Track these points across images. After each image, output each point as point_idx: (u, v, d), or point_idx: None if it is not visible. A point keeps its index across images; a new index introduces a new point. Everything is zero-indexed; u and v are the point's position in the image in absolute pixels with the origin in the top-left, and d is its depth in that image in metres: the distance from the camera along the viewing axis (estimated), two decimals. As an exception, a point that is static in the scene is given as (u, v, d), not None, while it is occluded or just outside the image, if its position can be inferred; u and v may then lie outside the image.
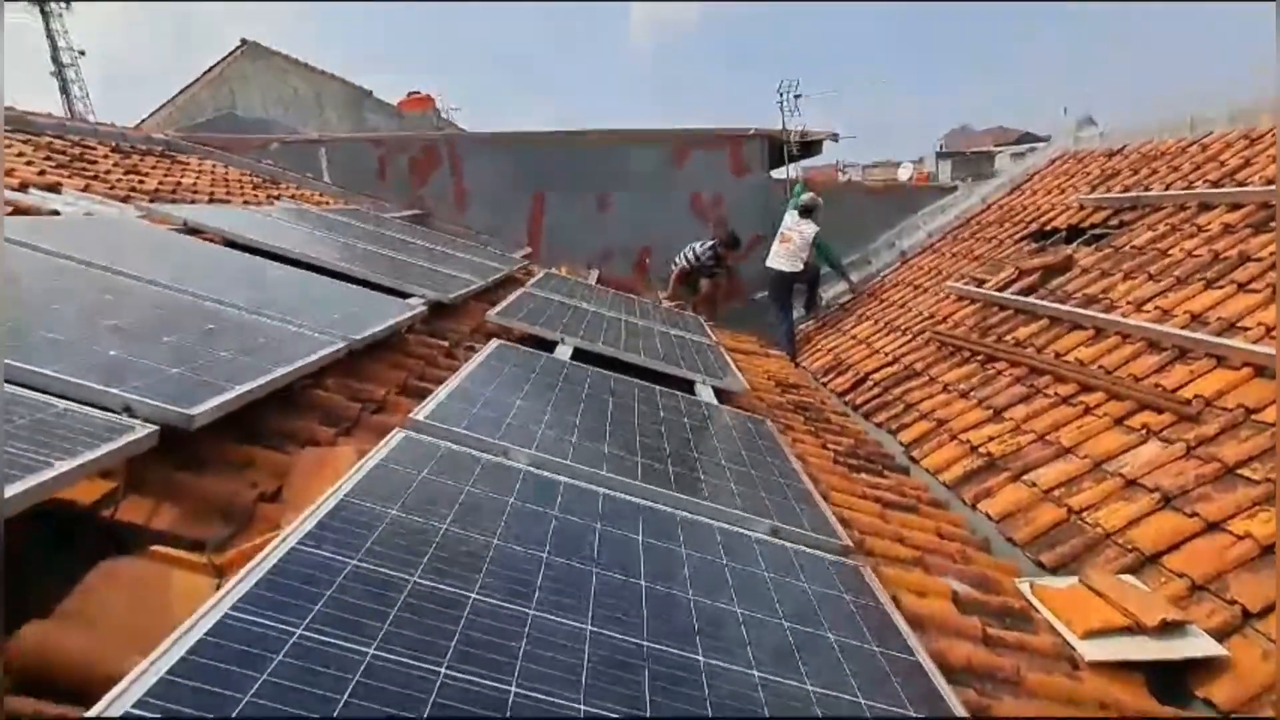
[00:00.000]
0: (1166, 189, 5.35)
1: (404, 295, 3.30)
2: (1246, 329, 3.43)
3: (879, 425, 4.52)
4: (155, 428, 1.30)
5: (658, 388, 2.95)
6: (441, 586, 1.10)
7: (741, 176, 8.81)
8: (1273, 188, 4.34)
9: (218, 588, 1.16)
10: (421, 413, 1.81)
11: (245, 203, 5.30)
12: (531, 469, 1.71)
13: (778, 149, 8.92)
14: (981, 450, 3.57)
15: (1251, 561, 2.28)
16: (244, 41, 15.21)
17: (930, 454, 3.81)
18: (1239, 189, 4.63)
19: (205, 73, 15.21)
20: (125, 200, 4.10)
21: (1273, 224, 4.07)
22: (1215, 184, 4.94)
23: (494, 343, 2.86)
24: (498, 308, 3.61)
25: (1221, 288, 3.82)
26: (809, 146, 9.26)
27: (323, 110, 15.02)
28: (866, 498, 2.78)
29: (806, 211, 7.26)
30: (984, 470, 3.43)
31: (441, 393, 2.04)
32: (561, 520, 1.46)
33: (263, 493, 1.52)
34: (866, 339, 6.15)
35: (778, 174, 9.00)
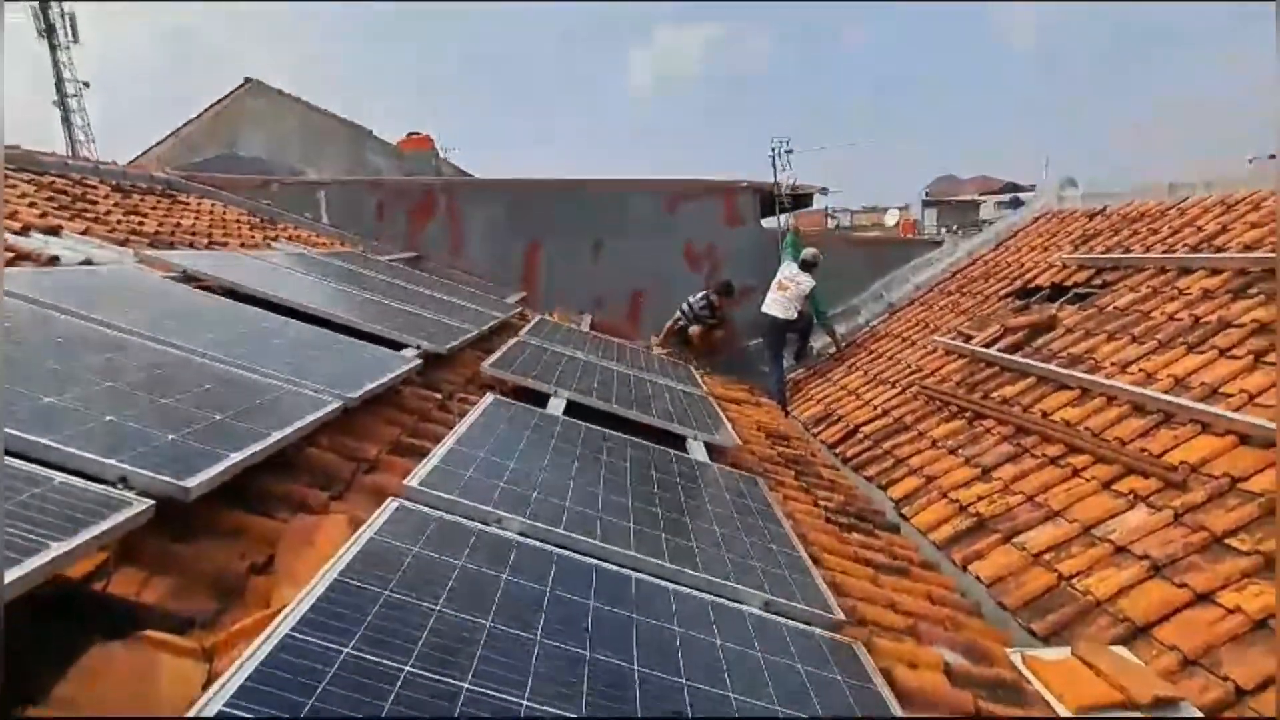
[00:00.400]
0: (1146, 251, 5.49)
1: (399, 346, 3.31)
2: (1229, 395, 3.49)
3: (869, 479, 4.53)
4: (151, 502, 1.30)
5: (650, 445, 2.96)
6: (435, 677, 1.09)
7: (734, 226, 8.97)
8: (1251, 255, 4.46)
9: (207, 672, 1.15)
10: (415, 479, 1.81)
11: (243, 244, 5.34)
12: (525, 539, 1.71)
13: (770, 200, 9.11)
14: (971, 510, 3.58)
15: (1243, 636, 2.29)
16: (247, 80, 15.49)
17: (920, 512, 3.81)
18: (1218, 255, 4.76)
19: (207, 109, 15.43)
20: (124, 243, 4.12)
21: (1251, 291, 4.18)
22: (1194, 249, 5.07)
23: (488, 397, 2.88)
24: (492, 359, 3.62)
25: (1203, 353, 3.90)
26: (800, 199, 9.47)
27: (323, 148, 15.21)
28: (858, 560, 2.77)
29: (807, 266, 7.42)
30: (974, 531, 3.44)
31: (436, 455, 2.05)
32: (555, 598, 1.46)
33: (253, 563, 1.51)
34: (856, 390, 6.20)
35: (768, 223, 9.17)
